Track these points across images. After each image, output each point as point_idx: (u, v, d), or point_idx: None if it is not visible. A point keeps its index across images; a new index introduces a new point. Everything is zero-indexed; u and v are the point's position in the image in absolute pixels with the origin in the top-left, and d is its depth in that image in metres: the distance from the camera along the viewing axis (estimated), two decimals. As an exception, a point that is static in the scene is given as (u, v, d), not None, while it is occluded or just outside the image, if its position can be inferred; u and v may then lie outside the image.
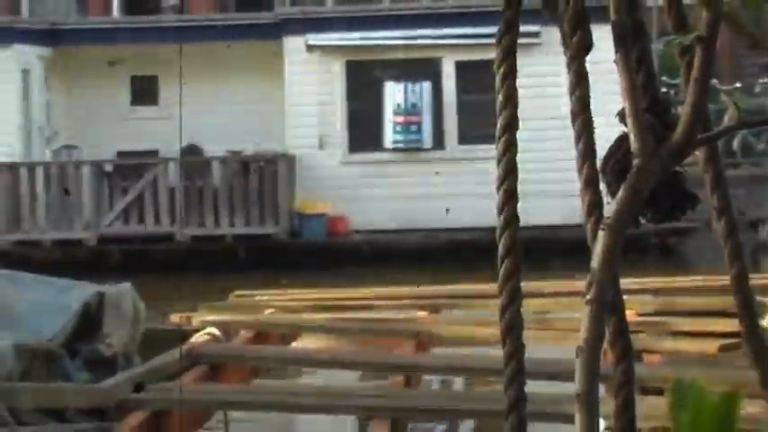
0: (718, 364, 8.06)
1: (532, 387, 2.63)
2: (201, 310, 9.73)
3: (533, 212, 16.99)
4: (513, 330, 2.40)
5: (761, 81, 28.24)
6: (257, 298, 10.62)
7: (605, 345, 2.24)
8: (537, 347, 7.28)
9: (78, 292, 7.52)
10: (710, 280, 10.24)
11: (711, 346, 8.22)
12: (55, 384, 6.54)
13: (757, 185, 23.73)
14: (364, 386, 9.09)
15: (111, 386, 6.61)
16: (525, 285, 2.44)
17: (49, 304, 7.38)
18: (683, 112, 2.18)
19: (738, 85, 27.72)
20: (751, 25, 2.17)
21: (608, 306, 2.19)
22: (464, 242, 21.85)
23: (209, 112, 25.15)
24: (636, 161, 2.16)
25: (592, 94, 2.32)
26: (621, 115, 2.21)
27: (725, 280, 2.83)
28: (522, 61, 2.43)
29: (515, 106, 2.40)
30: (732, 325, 7.96)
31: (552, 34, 3.11)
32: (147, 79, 26.14)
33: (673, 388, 1.54)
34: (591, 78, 2.30)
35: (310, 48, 24.32)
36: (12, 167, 23.98)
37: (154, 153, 25.05)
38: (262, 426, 9.29)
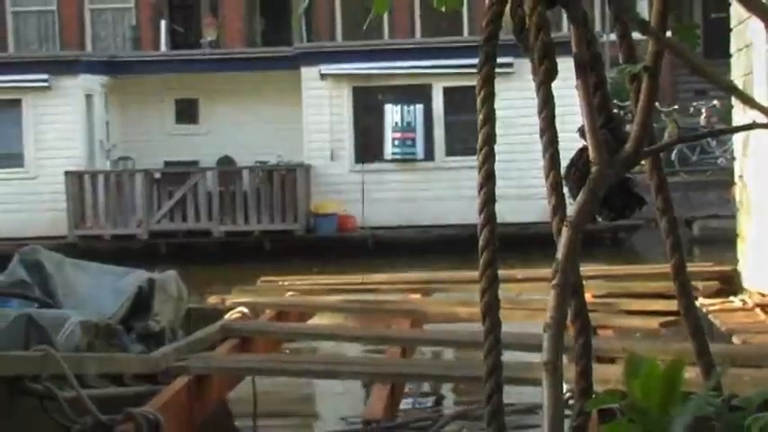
0: (659, 338, 8.05)
1: (507, 357, 2.62)
2: (234, 292, 9.72)
3: (508, 212, 16.96)
4: (490, 310, 2.39)
5: (694, 104, 28.20)
6: (280, 283, 10.61)
7: (568, 322, 2.24)
8: (510, 324, 7.26)
9: (133, 278, 7.51)
10: (653, 268, 10.22)
11: (654, 322, 8.21)
12: (114, 354, 6.52)
13: (691, 190, 23.73)
14: (368, 356, 9.07)
15: (160, 355, 6.60)
16: (501, 272, 2.43)
17: (109, 288, 7.37)
18: (632, 129, 2.17)
19: (676, 107, 27.70)
20: (691, 55, 2.16)
21: (570, 289, 2.18)
22: (451, 236, 21.82)
23: (241, 129, 25.20)
24: (593, 169, 2.15)
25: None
26: (581, 131, 2.20)
27: (665, 268, 2.82)
28: (499, 87, 2.42)
29: (493, 124, 2.39)
30: (671, 305, 7.95)
31: (523, 65, 3.09)
32: (188, 102, 26.13)
33: (627, 359, 1.53)
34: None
35: (323, 76, 24.31)
36: (78, 175, 23.99)
37: (194, 163, 25.07)
38: (283, 388, 9.27)
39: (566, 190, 2.31)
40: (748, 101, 2.29)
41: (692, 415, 1.47)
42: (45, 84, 24.36)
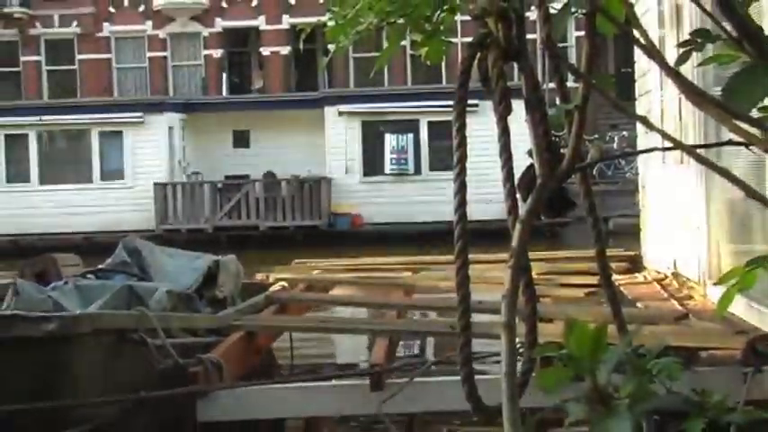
0: (584, 304, 8.02)
1: (475, 318, 2.61)
2: (275, 271, 9.69)
3: (475, 212, 16.91)
4: (463, 283, 2.38)
5: (609, 134, 28.26)
6: (309, 264, 10.59)
7: (519, 292, 2.22)
8: (478, 294, 7.23)
9: (204, 260, 7.49)
10: (581, 253, 10.20)
11: (581, 292, 8.19)
12: (191, 315, 6.51)
13: (608, 196, 23.75)
14: (372, 317, 9.06)
15: (223, 316, 6.58)
16: (470, 256, 2.41)
17: (187, 267, 7.36)
18: (566, 151, 2.16)
19: (596, 136, 27.70)
20: (612, 96, 2.15)
21: (521, 269, 2.17)
22: (433, 230, 21.81)
23: (280, 152, 25.23)
24: (538, 181, 2.14)
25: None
26: (530, 152, 2.19)
27: (590, 253, 2.81)
28: (469, 121, 2.40)
29: (465, 148, 2.38)
30: (593, 280, 7.94)
31: (487, 105, 3.08)
32: (242, 132, 26.20)
33: (566, 321, 1.52)
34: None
35: (341, 113, 24.34)
36: (163, 185, 24.05)
37: (246, 177, 25.11)
38: (311, 341, 9.25)
39: (518, 196, 2.30)
40: (653, 128, 2.28)
41: (612, 361, 1.46)
42: (140, 119, 24.45)
